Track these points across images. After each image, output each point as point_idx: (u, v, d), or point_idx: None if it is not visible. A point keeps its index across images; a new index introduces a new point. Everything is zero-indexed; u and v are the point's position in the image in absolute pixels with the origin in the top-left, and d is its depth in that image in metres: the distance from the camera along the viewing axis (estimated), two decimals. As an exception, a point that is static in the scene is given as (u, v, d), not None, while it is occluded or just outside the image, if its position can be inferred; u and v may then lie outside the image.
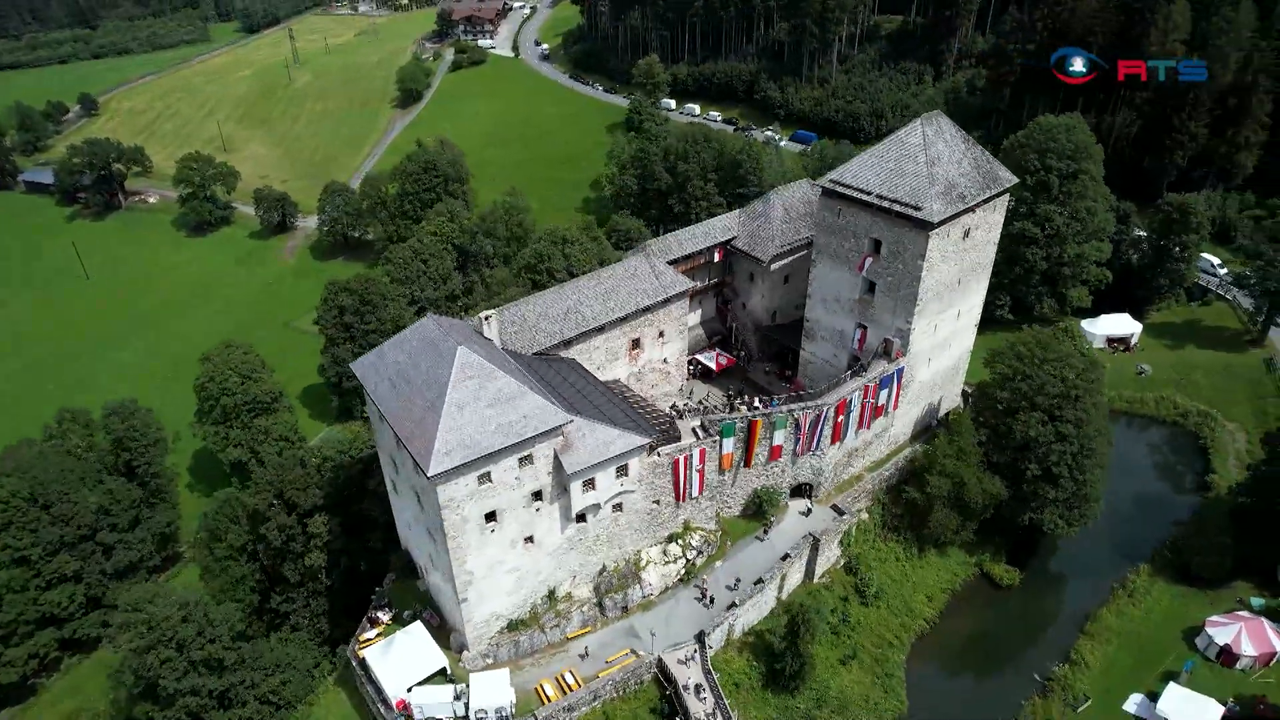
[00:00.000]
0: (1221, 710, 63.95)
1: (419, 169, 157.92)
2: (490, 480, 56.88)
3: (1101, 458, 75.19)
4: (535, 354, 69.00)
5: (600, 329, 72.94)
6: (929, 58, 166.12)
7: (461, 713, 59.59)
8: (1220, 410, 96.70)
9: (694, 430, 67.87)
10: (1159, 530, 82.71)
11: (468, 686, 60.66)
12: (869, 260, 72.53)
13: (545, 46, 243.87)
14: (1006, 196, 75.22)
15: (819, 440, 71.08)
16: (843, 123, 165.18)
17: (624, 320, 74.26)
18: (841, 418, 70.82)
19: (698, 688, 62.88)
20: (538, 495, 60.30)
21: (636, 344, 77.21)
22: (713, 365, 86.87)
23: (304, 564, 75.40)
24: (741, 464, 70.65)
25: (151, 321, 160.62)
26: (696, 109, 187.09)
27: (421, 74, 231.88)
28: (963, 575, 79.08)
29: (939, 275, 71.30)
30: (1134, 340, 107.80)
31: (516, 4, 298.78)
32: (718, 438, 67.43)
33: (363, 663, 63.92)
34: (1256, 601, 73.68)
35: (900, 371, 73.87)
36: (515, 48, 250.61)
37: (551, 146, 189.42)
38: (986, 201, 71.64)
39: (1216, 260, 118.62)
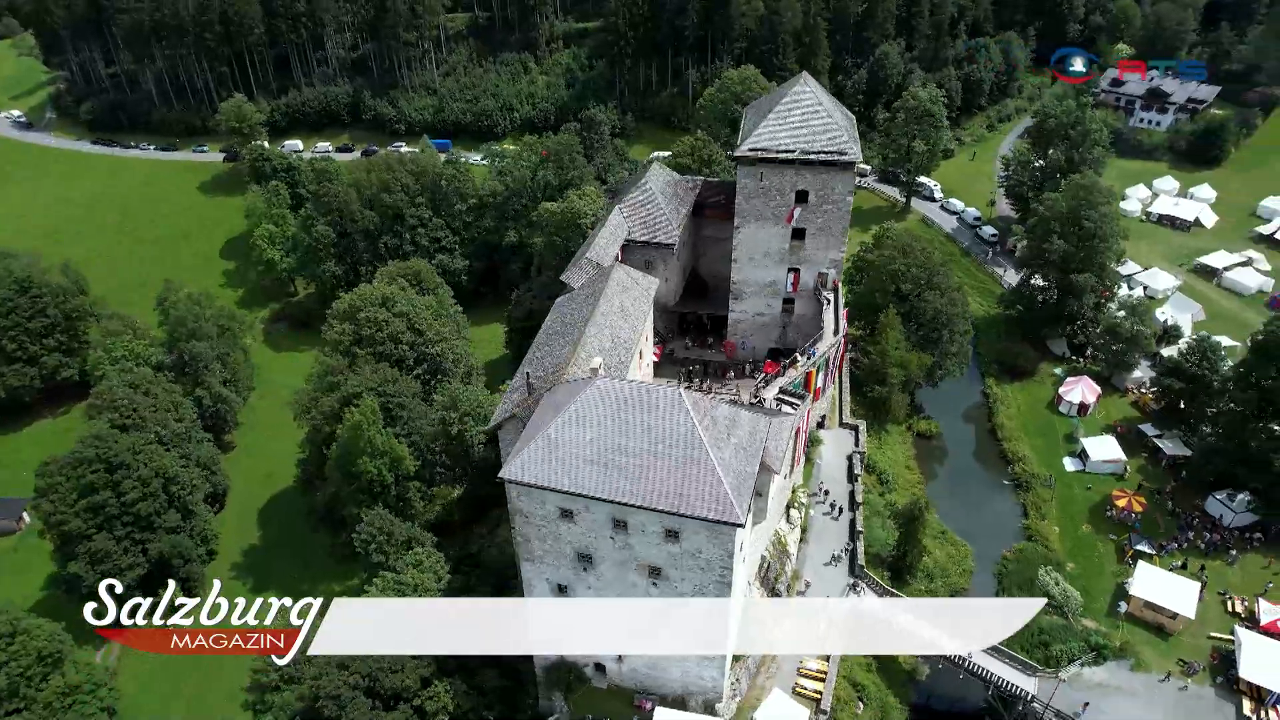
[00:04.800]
0: (1114, 440, 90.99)
1: (12, 294, 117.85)
2: (743, 509, 54.01)
3: (966, 311, 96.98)
4: (619, 390, 63.91)
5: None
6: (524, 46, 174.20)
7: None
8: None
9: (775, 401, 70.60)
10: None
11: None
12: (797, 210, 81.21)
13: (19, 113, 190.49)
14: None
15: (836, 371, 79.38)
16: (475, 123, 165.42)
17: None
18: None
19: (853, 586, 69.25)
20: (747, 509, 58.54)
21: (640, 352, 75.26)
22: (655, 357, 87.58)
23: (430, 754, 59.83)
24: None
25: None
26: (299, 144, 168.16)
27: None
28: (908, 441, 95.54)
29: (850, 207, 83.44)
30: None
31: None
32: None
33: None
34: (1059, 370, 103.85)
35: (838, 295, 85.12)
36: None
37: (139, 227, 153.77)
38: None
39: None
